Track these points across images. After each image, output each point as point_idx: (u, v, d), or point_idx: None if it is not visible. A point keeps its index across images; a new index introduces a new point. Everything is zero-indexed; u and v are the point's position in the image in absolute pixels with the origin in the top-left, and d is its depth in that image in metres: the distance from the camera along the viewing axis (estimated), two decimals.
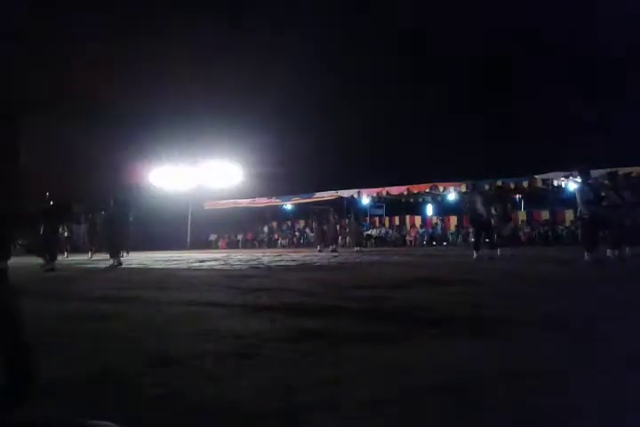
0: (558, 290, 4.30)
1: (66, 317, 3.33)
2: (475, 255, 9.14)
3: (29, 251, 10.40)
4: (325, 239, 17.26)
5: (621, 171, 17.82)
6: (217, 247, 27.85)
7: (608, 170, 16.00)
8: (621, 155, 18.79)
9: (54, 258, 9.34)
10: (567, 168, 17.37)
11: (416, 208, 26.48)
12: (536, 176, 19.77)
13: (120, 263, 9.50)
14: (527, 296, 3.89)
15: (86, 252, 15.69)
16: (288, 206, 28.00)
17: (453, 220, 24.11)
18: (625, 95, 23.90)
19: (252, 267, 8.71)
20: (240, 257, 13.13)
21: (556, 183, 19.46)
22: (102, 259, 14.33)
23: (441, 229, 23.96)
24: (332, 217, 17.21)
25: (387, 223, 26.42)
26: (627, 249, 8.45)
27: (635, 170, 17.47)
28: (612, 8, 21.86)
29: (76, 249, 18.11)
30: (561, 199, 21.05)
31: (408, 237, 24.23)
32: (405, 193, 23.02)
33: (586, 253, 7.47)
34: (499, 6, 26.15)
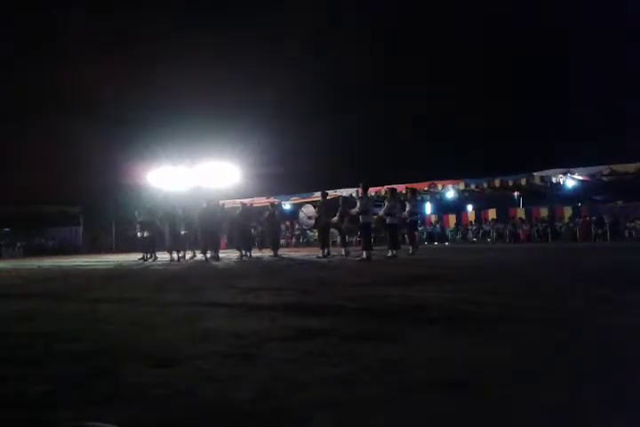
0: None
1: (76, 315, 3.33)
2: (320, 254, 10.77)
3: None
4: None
5: (618, 168, 17.94)
6: None
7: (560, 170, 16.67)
8: (618, 152, 18.84)
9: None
10: (565, 165, 17.43)
11: None
12: (534, 173, 19.80)
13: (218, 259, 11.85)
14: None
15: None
16: (287, 206, 27.96)
17: (452, 218, 24.07)
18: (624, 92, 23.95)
19: (253, 266, 8.72)
20: None
21: (554, 180, 19.51)
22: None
23: (440, 227, 23.93)
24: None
25: None
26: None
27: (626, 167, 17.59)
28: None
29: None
30: (560, 196, 21.07)
31: None
32: (404, 192, 23.00)
33: (390, 251, 9.83)
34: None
